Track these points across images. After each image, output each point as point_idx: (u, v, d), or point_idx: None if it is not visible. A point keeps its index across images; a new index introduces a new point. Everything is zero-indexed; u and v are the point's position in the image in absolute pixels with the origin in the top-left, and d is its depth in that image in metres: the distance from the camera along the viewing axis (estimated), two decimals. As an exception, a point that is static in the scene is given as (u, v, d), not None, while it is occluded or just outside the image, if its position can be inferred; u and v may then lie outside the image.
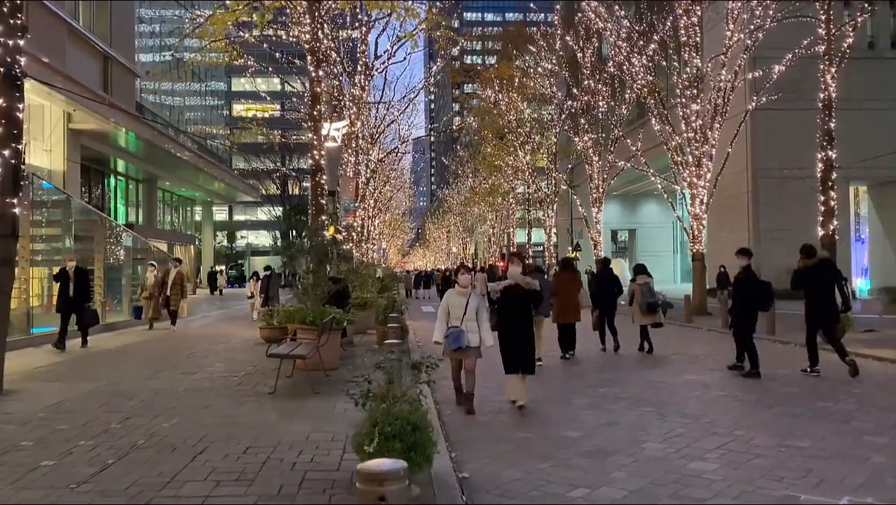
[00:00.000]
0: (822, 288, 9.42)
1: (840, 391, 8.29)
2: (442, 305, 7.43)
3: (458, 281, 7.50)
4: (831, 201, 15.27)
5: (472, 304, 7.25)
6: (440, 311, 7.39)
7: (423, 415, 4.27)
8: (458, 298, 7.32)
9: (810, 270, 9.50)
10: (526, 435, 6.35)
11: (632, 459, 5.49)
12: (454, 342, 7.10)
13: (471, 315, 7.20)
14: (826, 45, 15.32)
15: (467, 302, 7.24)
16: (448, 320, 7.26)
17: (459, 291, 7.38)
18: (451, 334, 7.14)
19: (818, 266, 9.54)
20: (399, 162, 46.42)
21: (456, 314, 7.22)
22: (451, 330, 7.17)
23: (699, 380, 9.31)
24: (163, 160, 36.33)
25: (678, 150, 22.19)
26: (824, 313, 9.46)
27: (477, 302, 7.31)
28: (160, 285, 16.72)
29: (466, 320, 7.17)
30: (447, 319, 7.27)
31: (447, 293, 7.59)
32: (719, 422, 6.71)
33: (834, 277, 9.54)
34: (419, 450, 3.98)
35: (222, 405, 7.47)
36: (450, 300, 7.37)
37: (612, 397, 8.09)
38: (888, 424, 6.56)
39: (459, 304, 7.26)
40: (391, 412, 4.09)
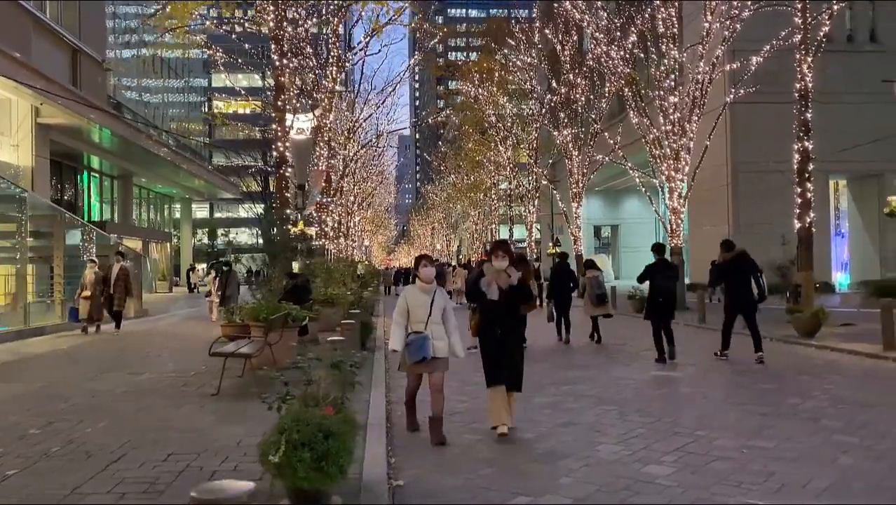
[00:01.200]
0: (740, 280, 10.07)
1: (813, 388, 7.96)
2: (399, 304, 5.90)
3: (419, 275, 5.96)
4: (808, 193, 15.01)
5: (438, 303, 5.82)
6: (396, 311, 5.87)
7: (341, 420, 3.84)
8: (420, 296, 5.83)
9: (729, 263, 10.15)
10: (475, 438, 5.95)
11: (583, 462, 5.10)
12: (417, 351, 5.65)
13: (437, 317, 5.77)
14: (802, 34, 15.04)
15: (432, 301, 5.79)
16: (408, 324, 5.81)
17: (422, 288, 5.87)
18: (413, 342, 5.67)
19: (736, 259, 10.12)
20: (380, 157, 45.93)
21: (418, 316, 5.76)
22: (412, 336, 5.70)
23: (667, 376, 8.96)
24: (139, 156, 35.62)
25: (656, 144, 21.89)
26: (742, 304, 10.14)
27: (444, 301, 5.92)
28: (101, 283, 14.72)
29: (432, 324, 5.73)
30: (406, 323, 5.82)
31: (406, 290, 6.06)
32: (682, 421, 6.34)
33: (750, 270, 10.06)
34: (332, 460, 3.55)
35: (159, 407, 7.01)
36: (410, 299, 5.86)
37: (575, 395, 7.71)
38: (859, 422, 6.22)
39: (422, 303, 5.78)
40: (301, 417, 3.66)
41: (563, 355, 11.54)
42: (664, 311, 10.14)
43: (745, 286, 10.03)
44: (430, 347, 5.68)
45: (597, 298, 12.45)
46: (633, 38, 22.68)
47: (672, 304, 10.28)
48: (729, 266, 10.14)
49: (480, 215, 56.63)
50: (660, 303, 10.14)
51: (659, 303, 10.15)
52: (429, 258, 6.15)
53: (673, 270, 10.49)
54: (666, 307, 10.15)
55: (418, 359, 5.70)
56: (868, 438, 5.67)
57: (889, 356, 10.03)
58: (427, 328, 5.73)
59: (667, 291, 10.16)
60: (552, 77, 32.56)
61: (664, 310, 10.14)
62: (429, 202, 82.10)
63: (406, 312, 5.85)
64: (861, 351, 10.63)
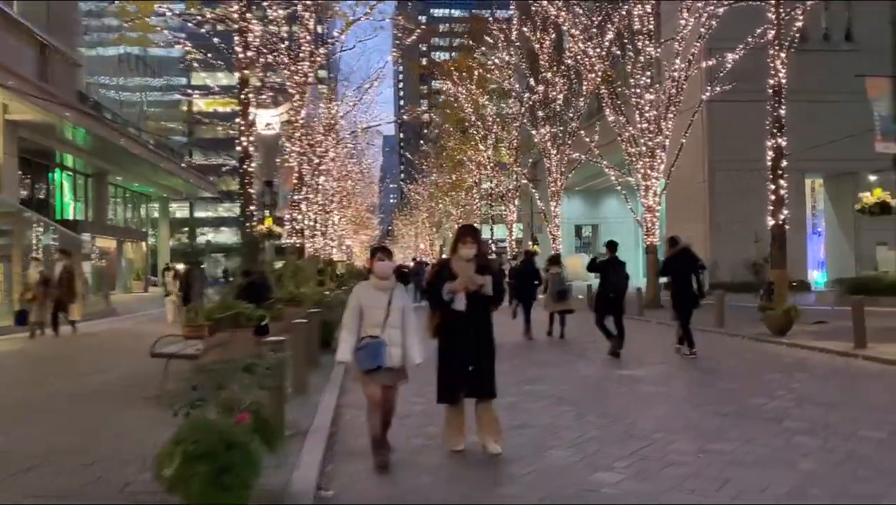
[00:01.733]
0: (683, 275, 10.32)
1: (780, 387, 7.72)
2: (350, 304, 4.99)
3: (373, 270, 5.04)
4: (781, 190, 14.82)
5: (397, 303, 4.94)
6: (347, 314, 4.96)
7: (249, 429, 3.50)
8: (375, 295, 4.94)
9: (674, 258, 10.45)
10: (423, 443, 5.63)
11: (531, 469, 4.79)
12: (370, 359, 4.76)
13: (395, 320, 4.88)
14: (776, 29, 14.88)
15: (390, 300, 4.91)
16: (361, 328, 4.91)
17: (377, 285, 4.97)
18: (365, 347, 4.78)
19: (680, 255, 10.42)
20: (359, 155, 45.48)
21: (373, 319, 4.87)
22: (365, 341, 4.81)
23: (632, 375, 8.70)
24: (113, 154, 34.96)
25: (632, 142, 21.71)
26: (685, 297, 10.32)
27: (403, 301, 5.01)
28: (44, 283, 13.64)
29: (389, 328, 4.84)
30: (358, 327, 4.91)
31: (358, 288, 5.18)
32: (640, 423, 6.05)
33: (691, 266, 10.33)
34: (234, 473, 3.20)
35: (96, 412, 6.64)
36: (363, 298, 4.95)
37: (535, 396, 7.41)
38: (823, 422, 5.97)
39: (378, 303, 4.90)
40: (201, 426, 3.31)
41: (530, 353, 11.29)
42: (613, 306, 10.40)
43: (687, 281, 10.30)
44: (385, 354, 4.77)
45: (557, 294, 12.60)
46: (609, 36, 22.49)
47: (621, 300, 10.52)
48: (674, 262, 10.45)
49: (462, 214, 56.37)
50: (610, 298, 10.41)
51: (610, 298, 10.42)
52: (385, 250, 5.19)
53: (624, 267, 10.71)
54: (615, 303, 10.40)
55: (371, 367, 4.77)
56: (831, 439, 5.41)
57: (859, 354, 9.85)
58: (383, 333, 4.82)
59: (617, 287, 10.44)
60: (530, 75, 32.34)
61: (614, 305, 10.40)
62: (411, 202, 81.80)
63: (359, 313, 4.92)
64: (832, 349, 10.44)
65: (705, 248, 27.41)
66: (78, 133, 30.00)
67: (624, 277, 10.56)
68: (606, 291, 10.45)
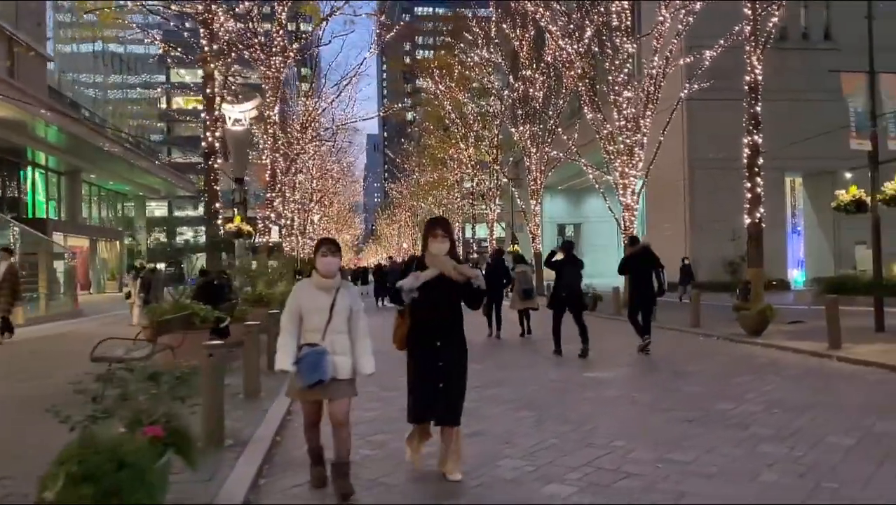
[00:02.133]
0: (642, 273, 10.48)
1: (749, 390, 7.47)
2: (288, 305, 4.32)
3: (316, 267, 4.30)
4: (757, 188, 14.64)
5: (342, 305, 4.24)
6: (284, 316, 4.34)
7: (145, 448, 3.15)
8: (316, 296, 4.23)
9: (633, 257, 10.65)
10: (367, 454, 5.29)
11: (476, 482, 4.48)
12: (310, 372, 4.05)
13: (339, 325, 4.22)
14: (752, 26, 14.70)
15: (333, 302, 4.22)
16: (301, 334, 4.25)
17: (319, 284, 4.25)
18: (305, 358, 4.09)
19: (639, 254, 10.59)
20: (338, 153, 45.01)
21: (313, 323, 4.19)
22: (305, 350, 4.12)
23: (599, 377, 8.42)
24: (87, 152, 34.33)
25: (610, 139, 21.50)
26: (643, 296, 10.48)
27: (350, 301, 4.29)
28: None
29: (332, 333, 4.18)
30: (297, 332, 4.26)
31: (297, 286, 4.48)
32: (601, 429, 5.76)
33: (652, 265, 10.46)
34: (125, 495, 2.86)
35: (21, 420, 6.23)
36: (302, 298, 4.26)
37: (496, 400, 7.11)
38: (791, 428, 5.71)
39: (319, 305, 4.20)
40: (91, 443, 2.97)
41: (497, 354, 11.04)
42: (567, 304, 10.49)
43: (647, 280, 10.44)
44: (327, 366, 4.10)
45: (523, 292, 12.68)
46: (588, 33, 22.28)
47: (576, 298, 10.61)
48: (633, 260, 10.62)
49: (445, 213, 56.08)
50: (563, 297, 10.51)
51: (562, 297, 10.51)
52: (331, 243, 4.37)
53: (579, 267, 10.80)
54: (568, 301, 10.48)
55: (312, 382, 4.07)
56: (798, 446, 5.15)
57: (833, 354, 9.65)
58: (325, 339, 4.16)
59: (570, 286, 10.52)
60: (509, 72, 32.11)
61: (567, 304, 10.48)
62: (394, 201, 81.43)
63: (298, 316, 4.26)
64: (806, 349, 10.24)
65: (685, 247, 27.36)
66: (50, 130, 29.36)
67: (578, 276, 10.65)
68: (560, 290, 10.58)
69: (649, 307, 10.53)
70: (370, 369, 4.31)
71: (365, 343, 4.33)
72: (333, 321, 4.22)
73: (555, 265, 10.83)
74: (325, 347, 4.15)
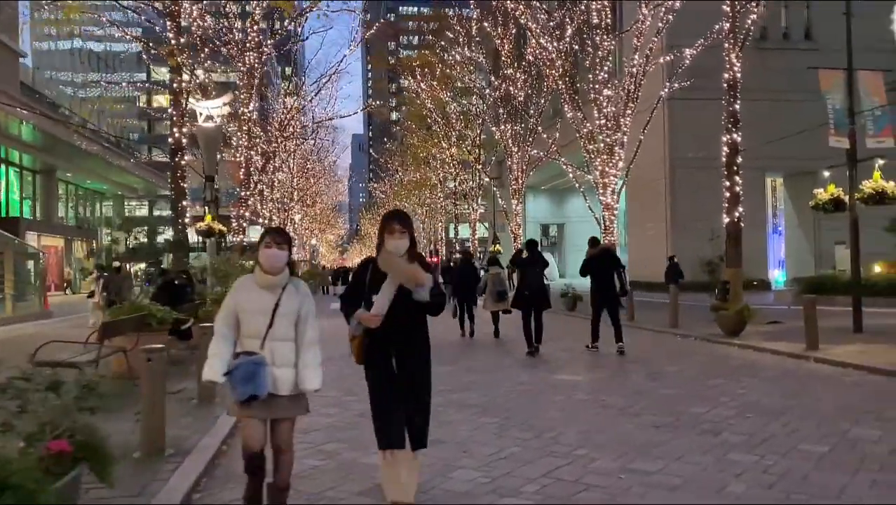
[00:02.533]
0: (603, 274, 10.50)
1: (724, 393, 7.23)
2: (224, 305, 3.71)
3: (259, 262, 3.65)
4: (736, 187, 14.46)
5: (289, 307, 3.61)
6: (218, 318, 3.69)
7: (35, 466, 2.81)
8: (257, 296, 3.61)
9: (595, 258, 10.65)
10: (314, 464, 4.97)
11: (426, 496, 4.17)
12: (242, 384, 3.45)
13: (283, 330, 3.59)
14: (731, 22, 14.52)
15: (278, 303, 3.59)
16: (238, 340, 3.64)
17: (263, 282, 3.62)
18: (238, 368, 3.48)
19: (601, 255, 10.68)
20: (318, 152, 44.57)
21: (252, 327, 3.58)
22: (240, 360, 3.51)
23: (570, 381, 8.14)
24: (62, 150, 33.71)
25: (590, 138, 21.31)
26: (605, 296, 10.50)
27: (298, 303, 3.65)
28: None
29: (274, 341, 3.56)
30: (233, 337, 3.64)
31: (237, 283, 3.79)
32: (565, 436, 5.48)
33: (613, 265, 10.57)
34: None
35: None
36: (241, 300, 3.64)
37: (460, 405, 6.81)
38: (764, 434, 5.46)
39: (259, 306, 3.59)
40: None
41: (468, 356, 10.77)
42: (531, 303, 10.46)
43: (609, 281, 10.48)
44: (264, 379, 3.47)
45: (497, 294, 12.56)
46: (569, 31, 22.09)
47: (540, 297, 10.55)
48: (595, 261, 10.63)
49: (428, 213, 55.77)
50: (526, 296, 10.49)
51: (525, 296, 10.50)
52: (279, 233, 3.70)
53: (542, 266, 10.84)
54: (532, 300, 10.45)
55: (243, 397, 3.46)
56: (769, 454, 4.90)
57: (811, 356, 9.45)
58: (264, 347, 3.54)
59: (533, 285, 10.51)
60: (491, 71, 31.90)
61: (531, 302, 10.45)
62: (378, 200, 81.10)
63: (234, 318, 3.63)
64: (783, 351, 10.03)
65: (666, 247, 27.22)
66: (23, 127, 28.76)
67: (542, 275, 10.67)
68: (524, 289, 10.59)
69: (615, 308, 10.52)
70: (315, 384, 3.61)
71: (312, 353, 3.63)
72: (276, 326, 3.57)
73: (519, 264, 10.92)
74: (263, 356, 3.52)
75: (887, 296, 16.00)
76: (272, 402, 3.55)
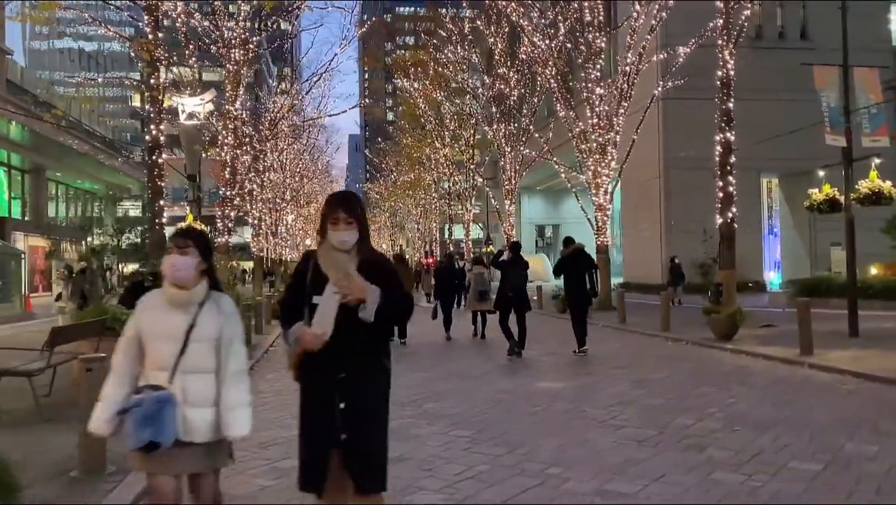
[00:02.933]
0: (576, 275, 10.48)
1: (712, 402, 6.85)
2: (126, 330, 3.01)
3: (164, 272, 2.97)
4: (730, 187, 14.09)
5: (206, 329, 2.92)
6: (117, 350, 2.99)
7: None
8: (164, 316, 2.92)
9: (568, 258, 10.61)
10: (265, 484, 4.59)
11: (378, 523, 3.79)
12: (140, 428, 2.76)
13: (199, 360, 2.90)
14: (724, 18, 14.18)
15: (192, 325, 2.90)
16: (142, 373, 2.94)
17: (172, 298, 2.93)
18: (137, 406, 2.79)
19: (574, 256, 10.58)
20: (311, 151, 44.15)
21: (159, 356, 2.89)
22: (143, 397, 2.81)
23: (551, 389, 7.76)
24: (51, 149, 33.32)
25: (583, 138, 20.95)
26: (577, 296, 10.50)
27: (217, 326, 2.94)
28: None
29: (186, 373, 2.88)
30: (134, 373, 2.94)
31: (142, 301, 3.05)
32: (539, 452, 5.10)
33: (585, 266, 10.52)
34: None
35: None
36: (144, 323, 2.95)
37: (432, 416, 6.43)
38: (753, 450, 5.08)
39: (168, 330, 2.90)
40: None
41: (447, 361, 10.42)
42: (514, 305, 10.40)
43: (581, 281, 10.47)
44: (169, 421, 2.76)
45: (479, 294, 12.62)
46: (562, 29, 21.74)
47: (521, 299, 10.53)
48: (569, 262, 10.59)
49: (423, 213, 55.38)
50: (509, 298, 10.44)
51: (508, 298, 10.45)
52: (189, 235, 2.98)
53: (525, 268, 10.78)
54: (514, 302, 10.39)
55: (140, 444, 2.75)
56: (757, 474, 4.52)
57: (805, 361, 9.08)
58: (174, 382, 2.82)
59: (515, 287, 10.47)
60: (484, 71, 31.57)
61: (513, 304, 10.39)
62: (371, 201, 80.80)
63: (136, 346, 2.93)
64: (776, 356, 9.66)
65: (660, 248, 26.89)
66: (11, 126, 28.37)
67: (524, 277, 10.64)
68: (505, 290, 10.56)
69: (584, 308, 10.53)
70: (241, 430, 2.86)
71: (238, 389, 2.88)
72: (189, 354, 2.83)
73: (501, 266, 10.88)
74: (170, 392, 2.77)
75: (884, 299, 15.64)
76: (182, 452, 2.80)
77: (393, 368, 3.04)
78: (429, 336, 13.44)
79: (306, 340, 2.81)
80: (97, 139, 41.56)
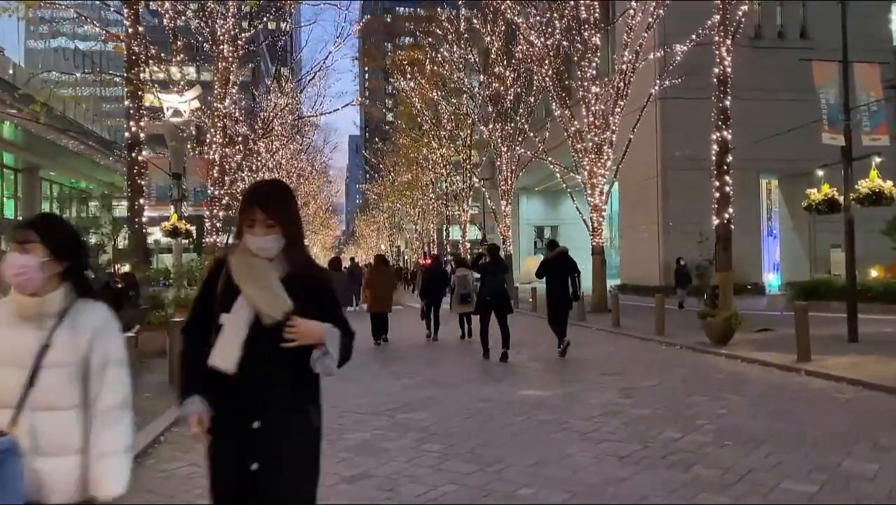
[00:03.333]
0: (558, 278, 10.47)
1: (703, 413, 6.48)
2: None
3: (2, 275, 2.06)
4: (726, 187, 13.72)
5: (66, 350, 2.03)
6: None
7: None
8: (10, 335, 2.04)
9: (551, 261, 10.60)
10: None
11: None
12: None
13: (55, 393, 2.02)
14: (721, 14, 13.81)
15: (46, 346, 2.02)
16: None
17: (20, 310, 2.06)
18: None
19: (557, 259, 10.54)
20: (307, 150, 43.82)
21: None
22: None
23: (534, 397, 7.38)
24: (45, 148, 33.09)
25: (578, 137, 20.59)
26: (558, 300, 10.43)
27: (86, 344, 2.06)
28: None
29: (36, 411, 1.99)
30: None
31: None
32: (512, 470, 4.72)
33: (569, 270, 10.47)
34: None
35: None
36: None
37: (404, 428, 6.05)
38: (742, 468, 4.70)
39: (14, 353, 2.01)
40: None
41: (431, 367, 10.06)
42: (492, 308, 10.33)
43: (563, 284, 10.45)
44: (16, 479, 1.89)
45: (461, 297, 12.57)
46: (557, 27, 21.39)
47: (501, 302, 10.47)
48: (552, 264, 10.57)
49: (420, 214, 55.00)
50: (488, 301, 10.37)
51: (487, 301, 10.39)
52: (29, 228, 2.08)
53: (503, 271, 10.86)
54: (493, 305, 10.32)
55: None
56: (746, 496, 4.16)
57: (801, 368, 8.70)
58: (18, 423, 1.98)
59: (494, 290, 10.44)
60: (480, 70, 31.23)
61: (492, 308, 10.31)
62: (370, 202, 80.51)
63: None
64: (772, 362, 9.29)
65: (658, 249, 26.52)
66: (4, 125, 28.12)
67: (502, 280, 10.68)
68: (483, 294, 10.57)
69: (565, 310, 10.44)
70: (114, 486, 2.00)
71: (112, 432, 2.05)
72: (41, 386, 2.01)
73: (480, 269, 10.92)
74: (12, 438, 1.93)
75: (884, 302, 15.26)
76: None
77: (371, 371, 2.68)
78: (417, 337, 13.51)
79: (191, 425, 2.20)
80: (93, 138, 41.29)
